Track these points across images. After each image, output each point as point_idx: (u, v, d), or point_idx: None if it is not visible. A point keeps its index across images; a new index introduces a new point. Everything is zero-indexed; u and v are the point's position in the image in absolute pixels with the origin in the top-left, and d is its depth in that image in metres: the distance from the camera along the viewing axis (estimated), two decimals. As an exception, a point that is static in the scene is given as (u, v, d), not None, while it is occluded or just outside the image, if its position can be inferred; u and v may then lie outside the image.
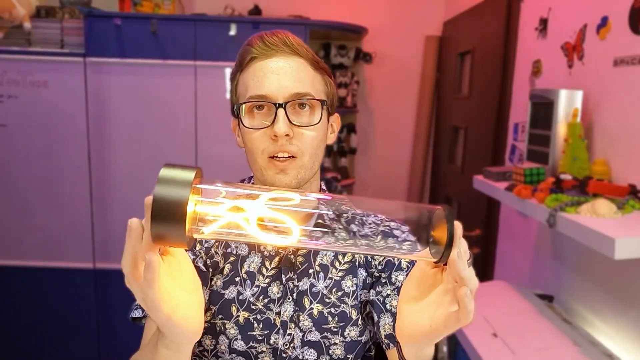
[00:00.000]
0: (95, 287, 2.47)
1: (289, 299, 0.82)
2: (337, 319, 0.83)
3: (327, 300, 0.83)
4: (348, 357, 0.83)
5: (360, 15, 3.05)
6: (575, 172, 1.49)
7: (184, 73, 2.36)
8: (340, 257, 0.86)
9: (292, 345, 0.82)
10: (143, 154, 2.40)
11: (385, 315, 0.81)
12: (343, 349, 0.83)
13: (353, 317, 0.83)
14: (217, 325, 0.82)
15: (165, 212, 0.45)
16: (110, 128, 2.38)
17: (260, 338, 0.82)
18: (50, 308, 2.48)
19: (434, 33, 3.20)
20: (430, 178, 3.41)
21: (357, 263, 0.86)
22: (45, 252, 2.43)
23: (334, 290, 0.84)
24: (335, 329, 0.82)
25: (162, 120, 2.39)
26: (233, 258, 0.85)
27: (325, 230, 0.55)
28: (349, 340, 0.83)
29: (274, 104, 0.78)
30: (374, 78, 3.26)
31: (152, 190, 0.47)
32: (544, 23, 1.95)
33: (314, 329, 0.82)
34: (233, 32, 2.33)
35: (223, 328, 0.82)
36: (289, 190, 0.54)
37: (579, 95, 1.57)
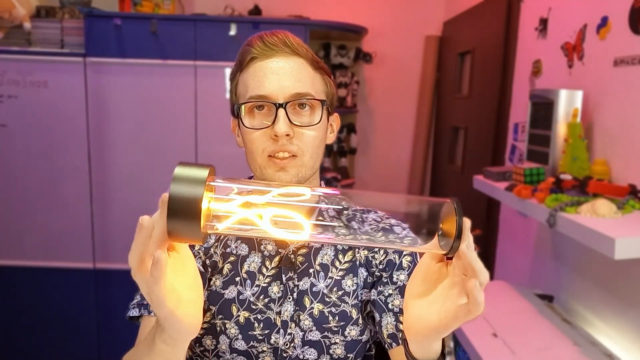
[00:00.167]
0: (95, 287, 2.47)
1: (289, 299, 0.83)
2: (337, 319, 0.83)
3: (327, 300, 0.83)
4: (348, 356, 0.83)
5: (360, 15, 3.05)
6: (575, 172, 1.49)
7: (184, 73, 2.35)
8: (341, 256, 0.86)
9: (292, 345, 0.82)
10: (143, 154, 2.40)
11: (387, 315, 0.81)
12: (343, 349, 0.83)
13: (353, 316, 0.83)
14: (217, 326, 0.82)
15: (181, 209, 0.46)
16: (110, 128, 2.38)
17: (261, 338, 0.82)
18: (50, 308, 2.48)
19: (434, 33, 3.20)
20: (430, 178, 3.41)
21: (357, 262, 0.86)
22: (45, 252, 2.43)
23: (335, 290, 0.84)
24: (336, 329, 0.82)
25: (162, 120, 2.39)
26: (233, 258, 0.85)
27: (331, 224, 0.57)
28: (350, 340, 0.83)
29: (275, 104, 0.78)
30: (374, 78, 3.26)
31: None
32: (544, 23, 1.95)
33: (315, 329, 0.82)
34: (233, 32, 2.33)
35: (223, 328, 0.82)
36: (300, 185, 0.55)
37: (579, 95, 1.57)
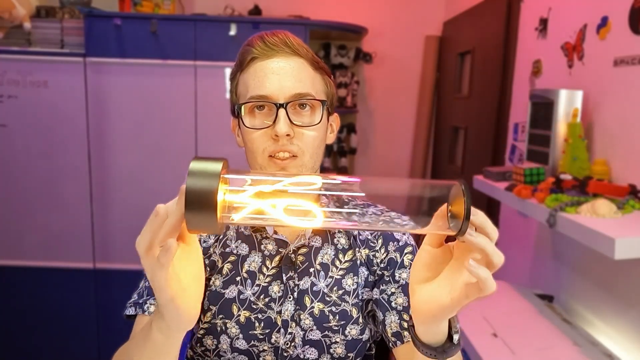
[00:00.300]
0: (95, 287, 2.47)
1: (290, 298, 0.83)
2: (337, 318, 0.83)
3: (327, 299, 0.83)
4: (349, 355, 0.83)
5: (360, 15, 3.05)
6: (575, 172, 1.49)
7: (184, 73, 2.35)
8: (341, 255, 0.86)
9: (293, 344, 0.82)
10: (143, 154, 2.39)
11: (391, 314, 0.81)
12: (344, 348, 0.83)
13: (354, 315, 0.83)
14: (218, 325, 0.83)
15: (197, 202, 0.48)
16: (110, 128, 2.38)
17: (262, 337, 0.82)
18: (50, 308, 2.48)
19: (434, 33, 3.20)
20: (430, 178, 3.41)
21: (358, 262, 0.86)
22: (45, 252, 2.43)
23: (335, 289, 0.84)
24: (336, 328, 0.83)
25: (162, 120, 2.39)
26: (233, 258, 0.85)
27: (343, 210, 0.59)
28: (350, 339, 0.83)
29: (275, 104, 0.78)
30: (374, 78, 3.26)
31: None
32: (544, 23, 1.95)
33: (315, 328, 0.82)
34: (233, 32, 2.33)
35: (224, 327, 0.82)
36: (311, 175, 0.56)
37: (579, 95, 1.57)
